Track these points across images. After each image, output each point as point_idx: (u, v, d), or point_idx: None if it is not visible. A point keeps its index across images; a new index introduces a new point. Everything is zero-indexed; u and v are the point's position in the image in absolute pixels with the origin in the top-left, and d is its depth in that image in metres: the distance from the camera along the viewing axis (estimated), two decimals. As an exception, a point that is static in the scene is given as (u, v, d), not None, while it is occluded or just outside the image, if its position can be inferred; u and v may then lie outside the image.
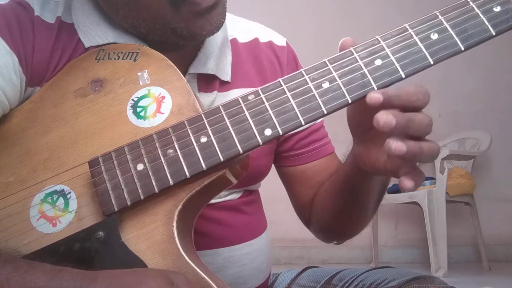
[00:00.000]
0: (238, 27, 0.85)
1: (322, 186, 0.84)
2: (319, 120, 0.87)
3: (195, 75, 0.75)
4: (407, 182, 0.55)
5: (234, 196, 0.82)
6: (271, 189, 1.09)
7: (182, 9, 0.65)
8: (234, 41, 0.83)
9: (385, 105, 0.55)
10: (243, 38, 0.84)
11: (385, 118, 0.53)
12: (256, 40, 0.85)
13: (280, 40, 0.88)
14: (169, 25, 0.67)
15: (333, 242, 0.88)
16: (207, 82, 0.76)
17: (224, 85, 0.78)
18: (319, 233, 0.87)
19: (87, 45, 0.70)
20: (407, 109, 0.55)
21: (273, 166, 0.89)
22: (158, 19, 0.67)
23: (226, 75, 0.78)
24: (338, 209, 0.78)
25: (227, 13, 0.83)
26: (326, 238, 0.87)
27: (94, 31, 0.71)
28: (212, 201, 0.75)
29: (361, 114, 0.63)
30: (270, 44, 0.86)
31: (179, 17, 0.66)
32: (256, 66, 0.83)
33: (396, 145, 0.53)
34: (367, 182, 0.71)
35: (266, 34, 0.87)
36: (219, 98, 0.76)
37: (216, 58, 0.77)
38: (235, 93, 0.77)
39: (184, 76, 0.66)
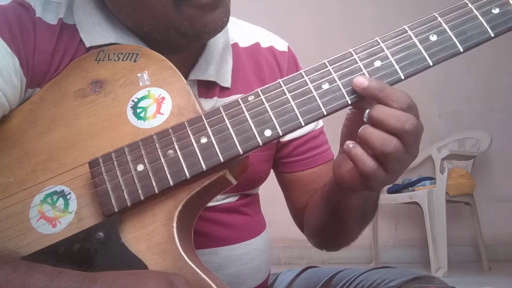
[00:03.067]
0: (239, 31, 0.85)
1: (314, 194, 0.84)
2: (319, 126, 0.87)
3: (195, 81, 0.75)
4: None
5: (232, 199, 0.82)
6: (271, 189, 1.09)
7: (184, 7, 0.65)
8: (235, 46, 0.82)
9: (366, 91, 0.57)
10: (244, 43, 0.84)
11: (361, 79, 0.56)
12: (257, 44, 0.85)
13: (281, 45, 0.88)
14: (173, 24, 0.67)
15: (323, 250, 0.88)
16: (207, 88, 0.76)
17: (224, 91, 0.78)
18: (310, 239, 0.87)
19: (88, 45, 0.70)
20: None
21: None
22: (161, 18, 0.67)
23: (227, 81, 0.78)
24: (324, 220, 0.78)
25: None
26: (316, 244, 0.87)
27: (95, 31, 0.71)
28: (210, 203, 0.75)
29: (357, 122, 0.63)
30: (271, 49, 0.86)
31: (182, 15, 0.66)
32: (256, 71, 0.83)
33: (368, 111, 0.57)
34: (348, 199, 0.70)
35: (267, 38, 0.87)
36: (219, 104, 0.75)
37: (217, 64, 0.77)
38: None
39: None
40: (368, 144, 0.57)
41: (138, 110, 0.63)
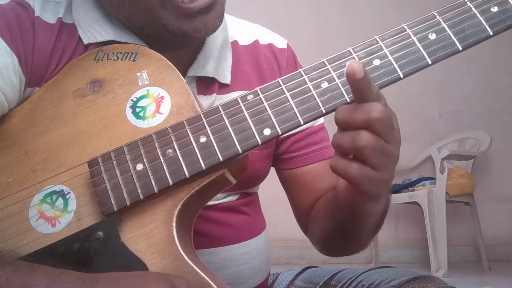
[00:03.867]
0: (239, 29, 0.85)
1: (320, 200, 0.81)
2: (318, 122, 0.87)
3: (194, 77, 0.75)
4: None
5: (232, 198, 0.81)
6: (271, 189, 1.09)
7: (167, 5, 0.65)
8: (234, 43, 0.82)
9: (358, 83, 0.53)
10: (243, 41, 0.84)
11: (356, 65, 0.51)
12: (256, 42, 0.85)
13: (280, 43, 0.88)
14: (160, 20, 0.66)
15: (328, 256, 0.87)
16: (206, 84, 0.76)
17: (223, 88, 0.78)
18: (314, 245, 0.85)
19: (86, 42, 0.70)
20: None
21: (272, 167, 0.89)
22: (147, 13, 0.66)
23: (226, 78, 0.78)
24: (331, 234, 0.76)
25: (228, 15, 0.83)
26: (322, 252, 0.85)
27: (93, 28, 0.71)
28: (210, 202, 0.75)
29: None
30: (270, 46, 0.86)
31: (167, 12, 0.65)
32: (256, 69, 0.82)
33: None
34: (363, 221, 0.66)
35: (266, 36, 0.87)
36: (218, 101, 0.75)
37: (216, 61, 0.76)
38: (234, 96, 0.76)
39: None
40: (340, 148, 0.55)
41: (137, 110, 0.63)
